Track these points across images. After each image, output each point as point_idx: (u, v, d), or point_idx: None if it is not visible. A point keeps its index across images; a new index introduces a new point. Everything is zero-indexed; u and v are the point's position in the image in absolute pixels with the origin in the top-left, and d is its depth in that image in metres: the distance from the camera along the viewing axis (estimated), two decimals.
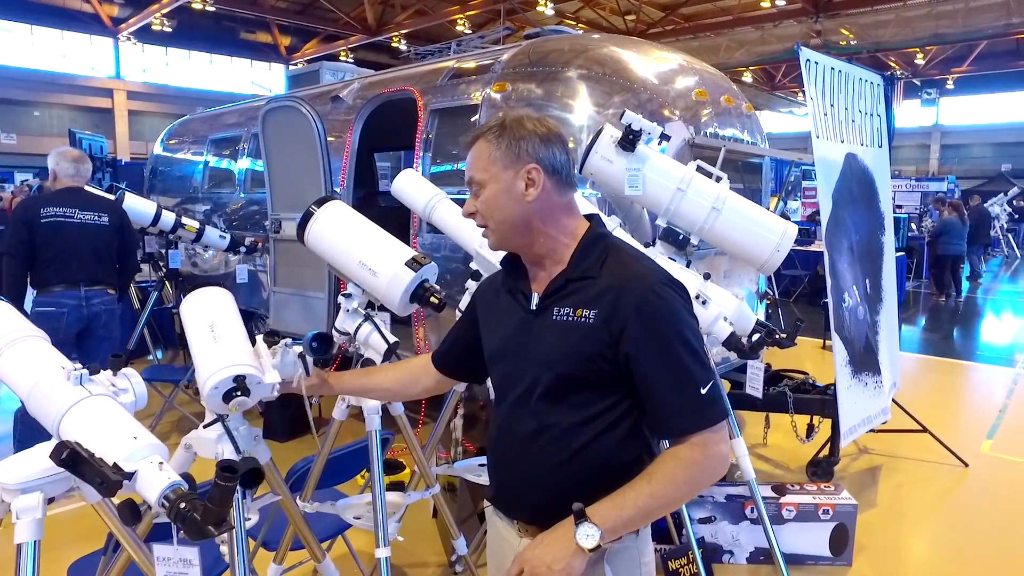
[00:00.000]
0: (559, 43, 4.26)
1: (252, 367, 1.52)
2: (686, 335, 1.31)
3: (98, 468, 1.14)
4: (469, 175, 1.40)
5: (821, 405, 3.98)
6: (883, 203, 4.26)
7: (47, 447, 1.32)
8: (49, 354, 1.44)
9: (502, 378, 1.46)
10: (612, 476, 1.32)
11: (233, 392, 1.49)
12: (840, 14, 18.07)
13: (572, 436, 1.34)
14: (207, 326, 1.60)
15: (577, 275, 1.36)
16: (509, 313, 1.45)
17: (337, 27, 22.63)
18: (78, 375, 1.34)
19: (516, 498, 1.45)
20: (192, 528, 1.13)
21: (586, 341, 1.31)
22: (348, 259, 2.01)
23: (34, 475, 1.33)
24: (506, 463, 1.45)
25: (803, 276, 10.31)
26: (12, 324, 1.50)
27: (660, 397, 1.30)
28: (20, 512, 1.32)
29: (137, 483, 1.18)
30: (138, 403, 1.41)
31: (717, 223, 2.73)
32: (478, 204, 1.40)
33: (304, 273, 4.80)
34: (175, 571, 1.33)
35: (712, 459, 1.28)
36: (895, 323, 4.46)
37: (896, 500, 3.94)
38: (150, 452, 1.22)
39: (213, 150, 6.63)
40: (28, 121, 22.28)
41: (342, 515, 2.29)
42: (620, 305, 1.30)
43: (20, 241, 3.73)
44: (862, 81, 3.99)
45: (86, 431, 1.25)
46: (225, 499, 1.14)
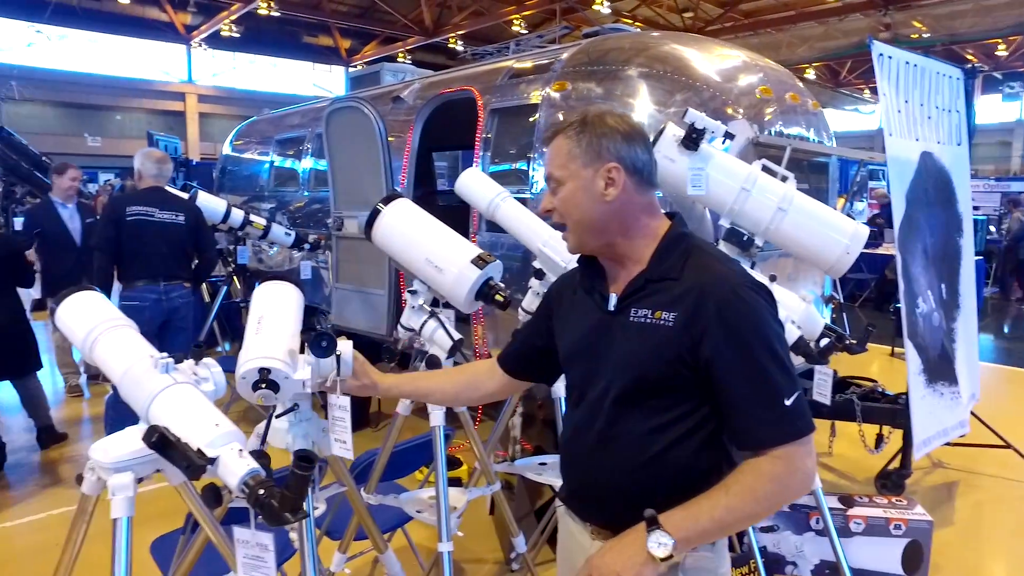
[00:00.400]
0: (619, 41, 4.21)
1: (280, 362, 1.53)
2: (771, 341, 1.25)
3: (184, 452, 1.20)
4: (548, 171, 1.37)
5: (891, 415, 3.80)
6: (961, 204, 4.05)
7: (136, 430, 1.42)
8: (138, 342, 1.52)
9: (577, 379, 1.43)
10: (688, 484, 1.27)
11: (258, 384, 1.51)
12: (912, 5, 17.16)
13: (648, 441, 1.30)
14: (256, 318, 1.64)
15: (657, 276, 1.32)
16: (586, 313, 1.41)
17: (395, 29, 22.98)
18: (165, 363, 1.41)
19: (589, 501, 1.43)
20: (270, 514, 1.17)
21: (665, 344, 1.27)
22: (415, 256, 2.02)
23: (126, 456, 1.41)
24: (579, 465, 1.43)
25: (869, 280, 9.94)
26: (105, 313, 1.58)
27: (740, 406, 1.23)
28: (115, 489, 1.41)
29: (219, 468, 1.23)
30: (218, 392, 1.48)
31: (783, 224, 2.65)
32: (556, 202, 1.36)
33: (365, 270, 4.87)
34: (252, 554, 1.37)
35: (796, 475, 1.21)
36: (974, 331, 4.23)
37: (976, 519, 3.74)
38: (231, 439, 1.28)
39: (278, 150, 6.81)
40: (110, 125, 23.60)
41: (405, 508, 2.32)
42: (701, 308, 1.25)
43: (107, 238, 4.03)
44: (940, 75, 3.80)
45: (172, 417, 1.31)
46: (301, 488, 1.17)
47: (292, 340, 1.61)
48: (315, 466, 1.20)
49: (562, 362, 1.49)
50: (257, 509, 1.18)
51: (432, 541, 3.31)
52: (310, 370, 1.56)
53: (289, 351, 1.57)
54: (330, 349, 1.52)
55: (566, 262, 2.41)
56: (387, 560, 2.10)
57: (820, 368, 2.78)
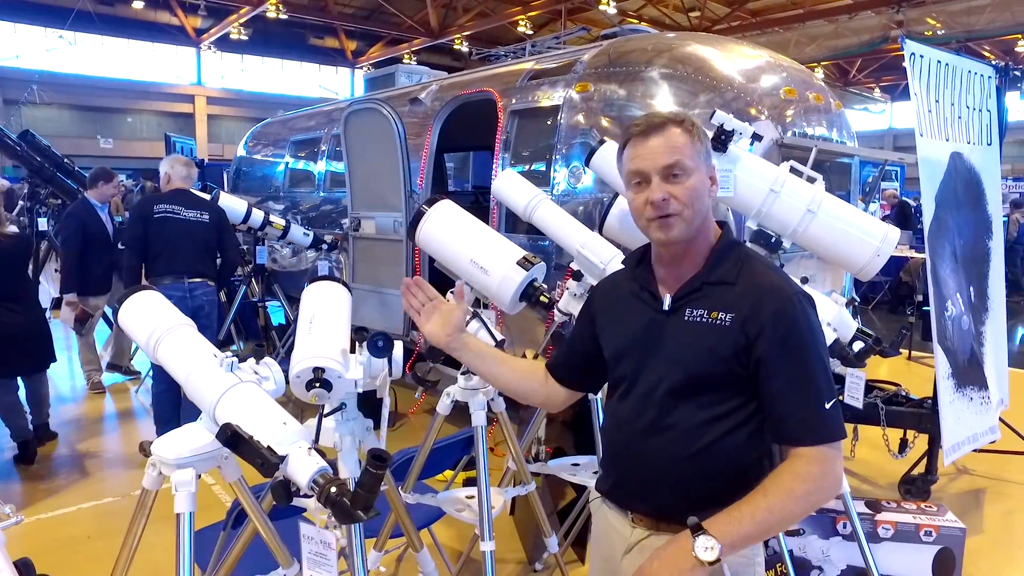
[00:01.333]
0: (641, 42, 4.18)
1: (334, 361, 1.56)
2: (819, 348, 1.35)
3: (258, 449, 1.22)
4: (674, 158, 1.34)
5: (916, 419, 3.76)
6: (991, 205, 3.99)
7: (195, 427, 1.48)
8: (201, 342, 1.56)
9: (628, 374, 1.47)
10: (733, 476, 1.36)
11: (312, 383, 1.54)
12: (926, 2, 17.00)
13: (697, 433, 1.37)
14: (308, 318, 1.67)
15: (713, 279, 1.39)
16: (636, 312, 1.46)
17: (401, 31, 23.06)
18: (229, 363, 1.45)
19: (634, 490, 1.47)
20: (342, 512, 1.19)
21: (720, 342, 1.34)
22: (459, 257, 2.03)
23: (187, 453, 1.47)
24: (626, 456, 1.47)
25: (883, 282, 9.86)
26: (167, 313, 1.63)
27: (784, 404, 1.31)
28: (178, 485, 1.47)
29: (288, 466, 1.25)
30: (279, 390, 1.51)
31: (812, 226, 2.62)
32: (678, 191, 1.34)
33: (381, 270, 4.87)
34: (316, 551, 1.40)
35: (829, 476, 1.28)
36: (1003, 334, 4.18)
37: (1007, 528, 3.67)
38: (299, 437, 1.30)
39: (293, 151, 6.80)
40: (122, 127, 23.99)
41: (443, 507, 2.34)
42: (758, 310, 1.33)
43: (136, 236, 4.18)
44: (971, 74, 3.75)
45: (241, 415, 1.33)
46: (374, 486, 1.19)
47: (344, 339, 1.64)
48: (387, 465, 1.21)
49: (610, 359, 1.52)
50: (329, 507, 1.20)
51: (455, 541, 3.32)
52: (362, 369, 1.58)
53: (342, 350, 1.60)
54: (387, 349, 1.55)
55: (604, 263, 2.39)
56: (421, 559, 2.13)
57: (852, 371, 2.75)
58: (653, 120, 1.37)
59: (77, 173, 7.05)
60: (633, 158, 1.38)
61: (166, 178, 4.39)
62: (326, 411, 1.68)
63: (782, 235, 2.68)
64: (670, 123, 1.36)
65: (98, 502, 3.82)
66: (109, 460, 4.44)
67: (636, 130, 1.38)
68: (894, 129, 29.70)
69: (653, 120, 1.37)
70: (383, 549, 2.36)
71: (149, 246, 4.17)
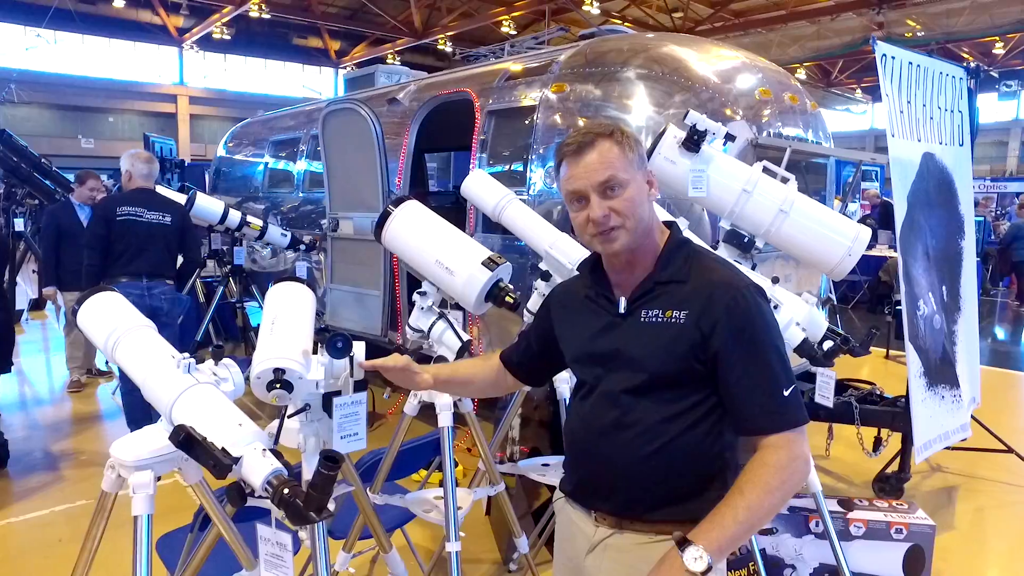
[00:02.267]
0: (617, 43, 4.19)
1: (295, 362, 1.55)
2: (773, 338, 1.37)
3: (211, 451, 1.21)
4: (607, 174, 1.36)
5: (890, 417, 3.79)
6: (963, 206, 4.04)
7: (156, 429, 1.47)
8: (159, 343, 1.55)
9: (589, 378, 1.49)
10: (695, 472, 1.39)
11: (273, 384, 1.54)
12: (906, 4, 17.11)
13: (658, 431, 1.38)
14: (270, 319, 1.66)
15: (664, 279, 1.42)
16: (593, 317, 1.49)
17: (385, 31, 23.01)
18: (186, 364, 1.44)
19: (597, 489, 1.47)
20: (295, 514, 1.18)
21: (678, 340, 1.36)
22: (425, 257, 2.02)
23: (146, 455, 1.46)
24: (588, 456, 1.48)
25: (863, 282, 9.95)
26: (126, 315, 1.61)
27: (743, 396, 1.34)
28: (136, 488, 1.45)
29: (242, 468, 1.24)
30: (237, 392, 1.50)
31: (784, 226, 2.63)
32: (617, 204, 1.37)
33: (360, 271, 4.85)
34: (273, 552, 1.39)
35: (797, 460, 1.31)
36: (975, 333, 4.22)
37: (978, 525, 3.71)
38: (254, 439, 1.30)
39: (273, 151, 6.77)
40: (103, 127, 23.73)
41: (411, 508, 2.33)
42: (711, 306, 1.35)
43: (98, 236, 4.15)
44: (943, 75, 3.79)
45: (196, 416, 1.32)
46: (327, 487, 1.19)
47: (306, 340, 1.63)
48: (340, 466, 1.20)
49: (571, 363, 1.55)
50: (282, 508, 1.19)
51: (429, 541, 3.32)
52: (323, 370, 1.57)
53: (303, 351, 1.59)
54: (345, 350, 1.54)
55: (572, 263, 2.39)
56: (391, 560, 2.11)
57: (822, 370, 2.76)
58: (582, 137, 1.39)
59: (55, 173, 6.99)
60: (569, 178, 1.40)
61: (127, 176, 4.34)
62: (289, 412, 1.68)
63: (755, 235, 2.69)
64: (600, 137, 1.38)
65: (71, 505, 3.78)
66: (84, 462, 4.39)
67: (568, 150, 1.40)
68: (876, 130, 29.97)
69: (582, 137, 1.39)
70: (352, 551, 2.34)
71: (111, 248, 4.17)
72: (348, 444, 1.72)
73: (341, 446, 1.72)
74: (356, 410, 1.69)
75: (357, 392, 1.69)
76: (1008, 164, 28.01)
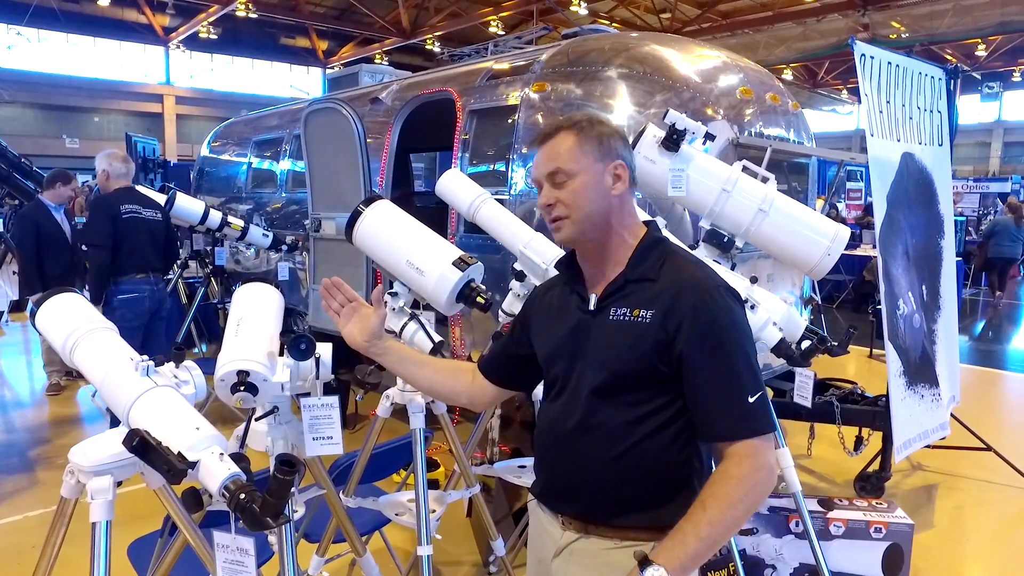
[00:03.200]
0: (599, 42, 4.18)
1: (259, 364, 1.53)
2: (741, 341, 1.32)
3: (165, 456, 1.18)
4: (553, 165, 1.37)
5: (871, 417, 3.80)
6: (942, 205, 4.05)
7: (116, 433, 1.42)
8: (118, 345, 1.51)
9: (558, 377, 1.46)
10: (660, 476, 1.35)
11: (237, 387, 1.52)
12: (890, 5, 17.27)
13: (623, 433, 1.35)
14: (236, 320, 1.64)
15: (636, 277, 1.39)
16: (566, 315, 1.46)
17: (373, 31, 22.96)
18: (145, 366, 1.41)
19: (562, 492, 1.45)
20: (251, 519, 1.16)
21: (642, 340, 1.33)
22: (396, 258, 2.01)
23: (105, 459, 1.42)
24: (554, 458, 1.46)
25: (847, 281, 10.01)
26: (86, 316, 1.57)
27: (706, 400, 1.30)
28: (94, 493, 1.42)
29: (199, 472, 1.22)
30: (198, 394, 1.47)
31: (764, 225, 2.63)
32: (563, 195, 1.37)
33: (342, 272, 4.81)
34: (233, 559, 1.36)
35: (762, 470, 1.27)
36: (954, 332, 4.24)
37: (957, 522, 3.73)
38: (211, 443, 1.27)
39: (256, 151, 6.72)
40: (88, 126, 23.57)
41: (384, 511, 2.31)
42: (677, 305, 1.32)
43: (107, 234, 4.15)
44: (922, 76, 3.80)
45: (153, 420, 1.30)
46: (283, 492, 1.16)
47: (272, 343, 1.61)
48: (296, 471, 1.18)
49: (542, 362, 1.51)
50: (238, 514, 1.17)
51: (409, 543, 3.29)
52: (289, 372, 1.56)
53: (268, 353, 1.57)
54: (308, 352, 1.51)
55: (547, 263, 2.38)
56: (365, 564, 2.10)
57: (801, 370, 2.76)
58: (548, 128, 1.40)
59: (35, 173, 6.91)
60: (533, 167, 1.43)
61: (104, 175, 4.30)
62: (257, 415, 1.66)
63: (735, 234, 2.69)
64: (562, 129, 1.39)
65: (46, 509, 3.72)
66: (61, 466, 4.31)
67: (536, 140, 1.42)
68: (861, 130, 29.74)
69: (548, 128, 1.40)
70: (325, 555, 2.32)
71: (119, 246, 4.19)
72: (321, 447, 1.71)
73: (314, 449, 1.71)
74: (328, 413, 1.67)
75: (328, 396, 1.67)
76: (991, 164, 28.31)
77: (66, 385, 5.84)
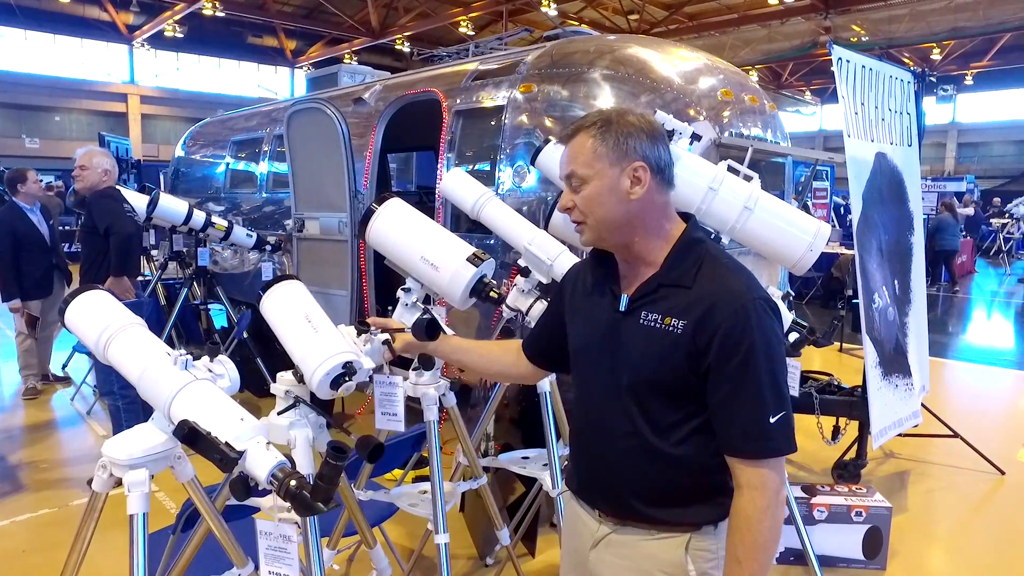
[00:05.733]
0: (583, 44, 4.26)
1: (356, 354, 1.61)
2: (771, 359, 1.28)
3: (216, 445, 1.22)
4: (569, 169, 1.36)
5: (848, 407, 3.95)
6: (912, 203, 4.23)
7: (147, 428, 1.47)
8: (152, 341, 1.54)
9: (589, 375, 1.46)
10: (696, 477, 1.35)
11: (342, 378, 1.58)
12: (851, 10, 17.80)
13: (659, 436, 1.35)
14: (303, 317, 1.68)
15: (669, 281, 1.35)
16: (598, 310, 1.44)
17: (342, 30, 22.80)
18: (184, 360, 1.43)
19: (599, 489, 1.47)
20: (302, 504, 1.20)
21: (673, 350, 1.30)
22: (410, 254, 2.05)
23: (140, 453, 1.45)
24: (590, 457, 1.48)
25: (816, 277, 10.27)
26: (117, 313, 1.59)
27: (728, 416, 1.28)
28: (131, 486, 1.44)
29: (246, 461, 1.25)
30: (233, 387, 1.50)
31: (749, 222, 2.71)
32: (577, 200, 1.36)
33: (326, 271, 4.82)
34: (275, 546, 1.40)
35: (777, 495, 1.27)
36: (924, 325, 4.43)
37: (928, 506, 3.90)
38: (256, 433, 1.30)
39: (234, 151, 6.67)
40: (50, 126, 23.01)
41: (396, 502, 2.35)
42: (709, 320, 1.28)
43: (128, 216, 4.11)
44: (892, 79, 3.96)
45: (197, 412, 1.32)
46: (334, 478, 1.21)
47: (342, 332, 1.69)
48: (348, 457, 1.23)
49: (573, 354, 1.51)
50: (288, 500, 1.21)
51: (406, 539, 3.34)
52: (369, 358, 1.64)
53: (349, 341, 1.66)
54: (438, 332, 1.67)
55: (551, 259, 2.44)
56: (375, 555, 2.13)
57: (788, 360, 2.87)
58: (569, 128, 1.38)
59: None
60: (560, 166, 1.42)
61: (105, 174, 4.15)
62: (279, 409, 1.70)
63: (721, 231, 2.77)
64: (581, 131, 1.35)
65: (33, 514, 3.69)
66: (44, 470, 4.27)
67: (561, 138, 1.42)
68: (824, 131, 30.90)
69: (569, 128, 1.38)
70: (336, 547, 2.36)
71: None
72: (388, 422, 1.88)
73: (382, 423, 1.87)
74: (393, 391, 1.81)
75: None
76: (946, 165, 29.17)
77: (42, 389, 5.74)
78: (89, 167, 4.13)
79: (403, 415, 1.75)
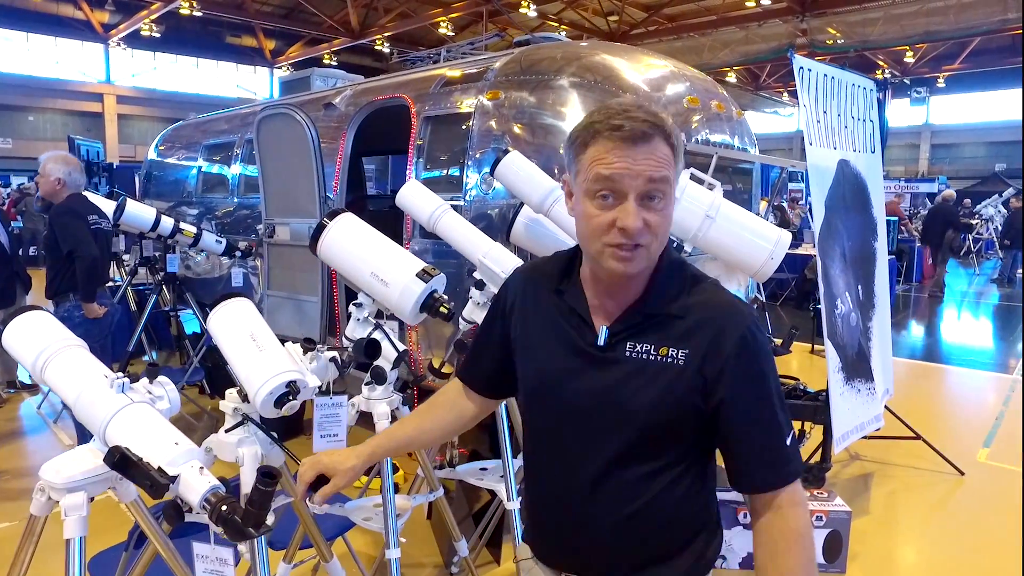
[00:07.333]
0: (551, 51, 4.27)
1: (300, 372, 1.60)
2: (776, 380, 1.20)
3: (147, 471, 1.21)
4: (662, 174, 1.08)
5: (812, 411, 3.98)
6: (875, 209, 4.29)
7: (86, 450, 1.45)
8: (91, 362, 1.52)
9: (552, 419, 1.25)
10: (677, 527, 1.23)
11: (286, 397, 1.58)
12: (827, 13, 18.06)
13: (640, 489, 1.19)
14: (248, 336, 1.66)
15: (659, 309, 1.17)
16: (562, 340, 1.23)
17: (321, 31, 22.69)
18: (120, 383, 1.42)
19: (567, 554, 1.29)
20: (233, 530, 1.20)
21: (676, 385, 1.15)
22: (360, 270, 2.06)
23: (78, 476, 1.43)
24: (557, 512, 1.27)
25: (790, 279, 10.38)
26: (55, 334, 1.56)
27: (749, 448, 1.17)
28: (68, 510, 1.42)
29: (180, 486, 1.25)
30: (172, 409, 1.49)
31: (711, 231, 2.75)
32: (658, 219, 1.10)
33: (297, 277, 4.80)
34: (212, 568, 1.40)
35: (806, 515, 1.19)
36: (888, 329, 4.49)
37: (890, 508, 3.95)
38: (190, 457, 1.30)
39: (207, 155, 6.62)
40: (23, 126, 22.68)
41: (351, 517, 2.34)
42: (718, 347, 1.14)
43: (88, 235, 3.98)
44: (855, 87, 4.02)
45: (131, 436, 1.32)
46: (265, 502, 1.20)
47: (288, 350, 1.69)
48: (277, 481, 1.23)
49: (527, 391, 1.30)
50: (220, 525, 1.21)
51: (372, 547, 3.33)
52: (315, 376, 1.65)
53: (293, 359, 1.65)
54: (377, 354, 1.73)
55: (505, 273, 2.45)
56: (332, 569, 2.14)
57: None
58: (637, 123, 1.07)
59: None
60: (609, 163, 1.08)
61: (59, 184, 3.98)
62: (227, 426, 1.69)
63: (683, 240, 2.81)
64: (658, 131, 1.09)
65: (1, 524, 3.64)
66: (7, 480, 4.21)
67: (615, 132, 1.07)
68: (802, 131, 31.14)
69: (637, 123, 1.07)
70: (292, 561, 2.35)
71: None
72: (327, 444, 1.82)
73: (320, 445, 1.84)
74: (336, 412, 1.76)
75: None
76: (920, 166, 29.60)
77: (7, 398, 5.66)
78: (42, 175, 4.04)
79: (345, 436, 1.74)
